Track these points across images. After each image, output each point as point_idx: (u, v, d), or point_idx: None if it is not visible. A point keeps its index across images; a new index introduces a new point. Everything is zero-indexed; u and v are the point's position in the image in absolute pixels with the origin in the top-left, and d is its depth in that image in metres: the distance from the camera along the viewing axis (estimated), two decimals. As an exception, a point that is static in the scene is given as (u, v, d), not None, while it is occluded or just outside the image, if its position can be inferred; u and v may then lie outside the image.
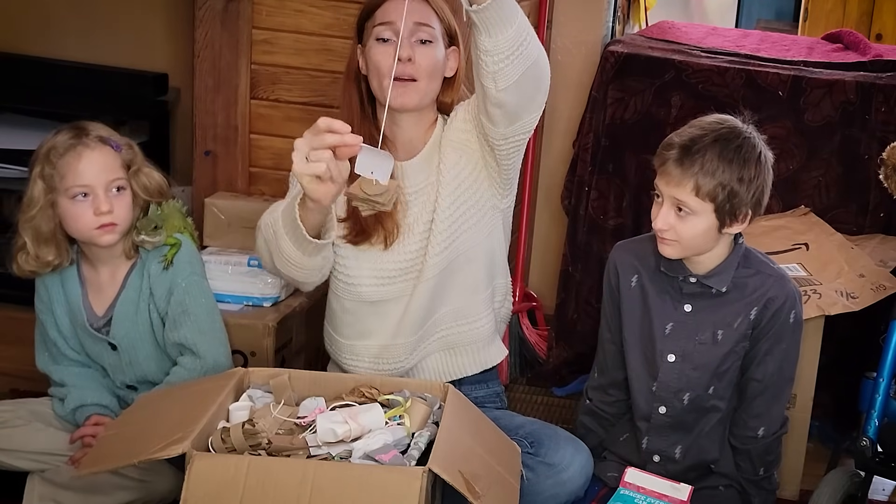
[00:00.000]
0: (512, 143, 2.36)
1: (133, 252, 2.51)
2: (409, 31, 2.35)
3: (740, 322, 2.37)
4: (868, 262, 2.92)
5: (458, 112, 2.46)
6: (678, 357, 2.40)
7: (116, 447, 2.07)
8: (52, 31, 3.56)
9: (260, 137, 3.10)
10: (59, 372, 2.55)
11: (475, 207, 2.44)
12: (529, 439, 2.31)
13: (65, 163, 2.39)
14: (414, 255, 2.44)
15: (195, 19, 3.05)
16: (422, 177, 2.45)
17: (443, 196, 2.42)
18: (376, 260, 2.45)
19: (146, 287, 2.49)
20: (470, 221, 2.44)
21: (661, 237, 2.33)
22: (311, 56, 3.02)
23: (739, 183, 2.25)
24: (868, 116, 3.14)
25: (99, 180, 2.40)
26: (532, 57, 2.19)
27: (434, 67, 2.40)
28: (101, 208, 2.40)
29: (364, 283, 2.46)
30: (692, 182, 2.25)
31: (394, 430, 2.05)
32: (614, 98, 3.27)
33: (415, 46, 2.37)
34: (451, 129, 2.45)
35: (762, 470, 2.46)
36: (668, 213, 2.30)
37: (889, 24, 4.87)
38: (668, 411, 2.43)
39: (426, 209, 2.43)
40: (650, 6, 4.06)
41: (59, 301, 2.52)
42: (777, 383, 2.41)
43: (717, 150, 2.25)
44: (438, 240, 2.42)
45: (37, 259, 2.44)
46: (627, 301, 2.46)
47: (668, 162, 2.28)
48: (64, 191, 2.40)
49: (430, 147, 2.46)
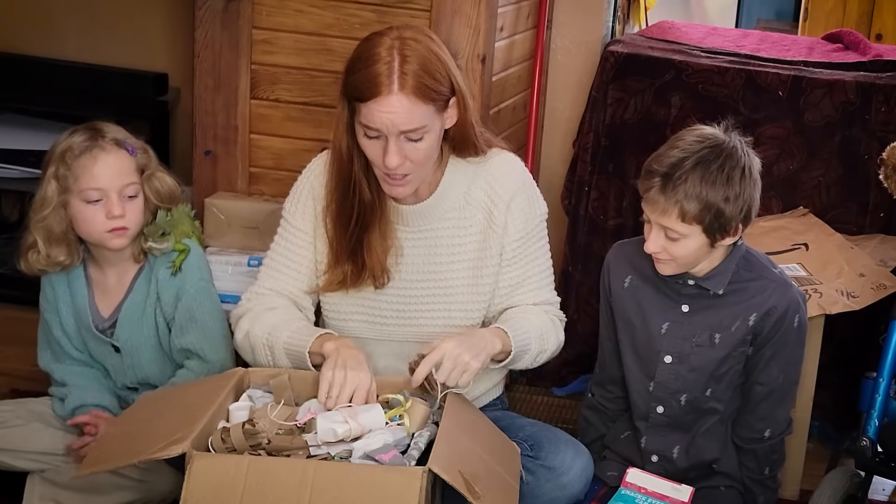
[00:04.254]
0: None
1: (141, 256, 2.51)
2: (396, 133, 2.17)
3: (738, 326, 2.37)
4: (868, 262, 2.92)
5: (513, 220, 2.36)
6: (675, 358, 2.40)
7: (116, 447, 2.07)
8: (52, 31, 3.55)
9: (260, 137, 3.10)
10: (60, 371, 2.55)
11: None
12: (529, 442, 2.30)
13: (80, 165, 2.39)
14: (408, 301, 2.40)
15: (195, 19, 3.04)
16: (424, 221, 2.38)
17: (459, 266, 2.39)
18: (367, 299, 2.41)
19: (153, 291, 2.50)
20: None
21: (656, 258, 2.34)
22: (311, 56, 3.01)
23: (725, 202, 2.24)
24: (868, 116, 3.14)
25: (113, 184, 2.40)
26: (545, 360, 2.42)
27: (428, 153, 2.24)
28: (114, 212, 2.40)
29: (353, 318, 2.43)
30: (677, 209, 2.25)
31: (394, 430, 2.05)
32: (614, 98, 3.27)
33: (404, 143, 2.19)
34: (492, 216, 2.36)
35: (767, 469, 2.45)
36: (658, 237, 2.30)
37: (889, 24, 4.87)
38: (666, 411, 2.43)
39: (425, 259, 2.39)
40: (650, 6, 4.06)
41: (64, 301, 2.52)
42: (782, 387, 2.41)
43: (699, 175, 2.23)
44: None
45: (48, 258, 2.44)
46: (620, 301, 2.46)
47: (651, 190, 2.28)
48: (77, 192, 2.40)
49: (442, 196, 2.36)
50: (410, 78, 2.15)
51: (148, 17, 3.52)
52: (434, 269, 2.38)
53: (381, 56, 2.16)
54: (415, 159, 2.22)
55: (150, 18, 3.52)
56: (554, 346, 2.42)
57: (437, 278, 2.38)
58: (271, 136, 3.09)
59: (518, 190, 2.38)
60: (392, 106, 2.15)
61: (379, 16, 2.94)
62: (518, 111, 3.39)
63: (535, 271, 2.42)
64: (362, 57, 2.19)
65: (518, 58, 3.32)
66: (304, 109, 3.02)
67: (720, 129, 2.33)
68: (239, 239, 2.97)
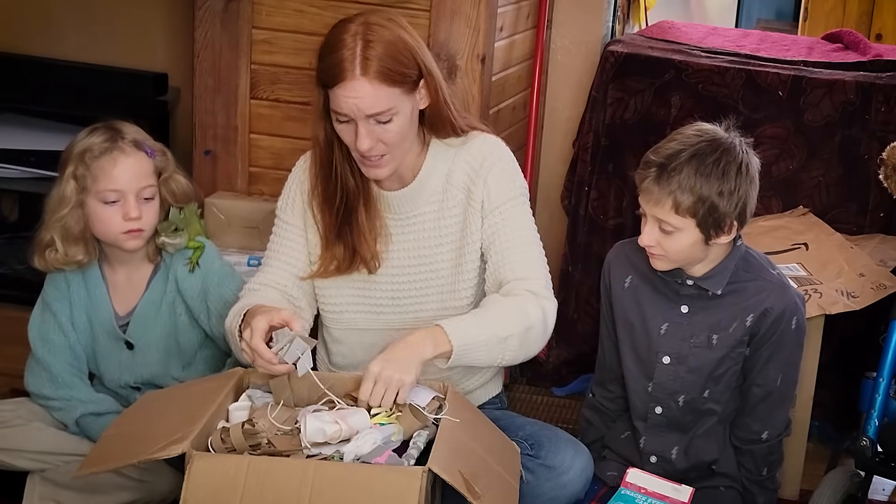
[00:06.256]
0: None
1: (155, 255, 2.52)
2: (363, 117, 2.20)
3: (736, 327, 2.37)
4: (868, 262, 2.92)
5: (490, 194, 2.34)
6: (673, 359, 2.40)
7: (116, 447, 2.07)
8: (52, 30, 3.55)
9: (260, 137, 3.10)
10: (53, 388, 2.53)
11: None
12: (529, 441, 2.30)
13: (99, 166, 2.39)
14: (401, 288, 2.41)
15: (195, 19, 3.04)
16: (409, 207, 2.39)
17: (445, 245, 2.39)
18: (361, 288, 2.42)
19: (171, 290, 2.51)
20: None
21: (649, 252, 2.34)
22: (311, 56, 2.98)
23: (719, 196, 2.25)
24: (868, 116, 3.14)
25: (131, 187, 2.41)
26: (517, 360, 2.29)
27: (400, 135, 2.26)
28: (131, 214, 2.41)
29: (349, 308, 2.43)
30: (670, 200, 2.25)
31: (381, 428, 2.04)
32: (614, 98, 3.27)
33: (374, 126, 2.22)
34: (471, 193, 2.35)
35: (765, 470, 2.45)
36: (652, 230, 2.31)
37: (889, 24, 4.87)
38: (665, 412, 2.43)
39: (413, 244, 2.39)
40: (650, 6, 4.06)
41: (79, 296, 2.52)
42: (780, 389, 2.41)
43: (694, 167, 2.24)
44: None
45: (66, 256, 2.45)
46: (620, 301, 2.46)
47: (646, 180, 2.29)
48: (95, 193, 2.40)
49: (424, 180, 2.38)
50: (373, 62, 2.18)
51: (148, 17, 3.52)
52: (422, 253, 2.39)
53: (345, 42, 2.20)
54: (387, 140, 2.24)
55: (150, 18, 3.52)
56: (521, 327, 2.24)
57: (426, 262, 2.39)
58: (271, 135, 3.09)
59: (494, 164, 2.36)
60: (355, 90, 2.18)
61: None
62: (518, 111, 3.39)
63: (517, 243, 2.34)
64: (329, 44, 2.24)
65: (518, 58, 3.32)
66: (303, 109, 3.02)
67: (721, 127, 2.33)
68: (239, 239, 2.97)
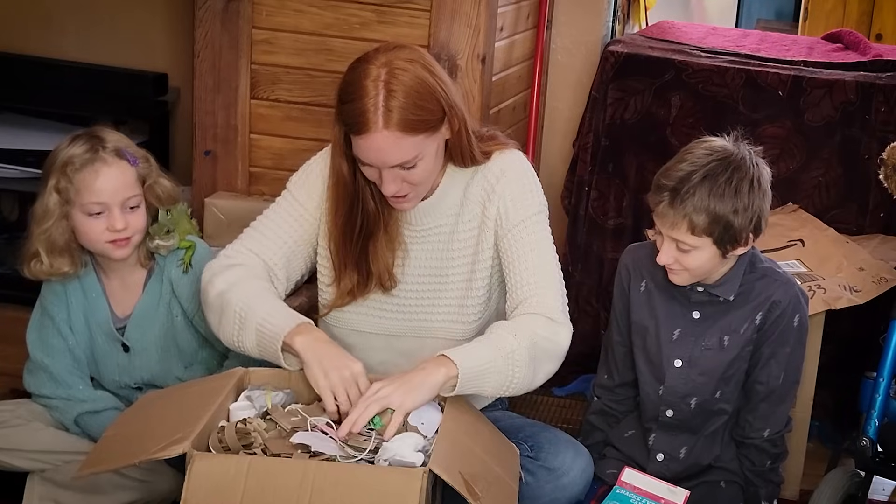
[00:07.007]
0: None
1: (147, 259, 2.51)
2: (387, 167, 2.18)
3: (747, 327, 2.38)
4: (866, 256, 2.92)
5: (507, 212, 2.30)
6: (685, 363, 2.40)
7: (117, 447, 2.07)
8: (52, 30, 3.55)
9: (260, 137, 3.10)
10: (53, 387, 2.53)
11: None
12: (529, 442, 2.30)
13: (81, 178, 2.37)
14: (409, 297, 2.39)
15: (195, 19, 3.04)
16: (427, 220, 2.37)
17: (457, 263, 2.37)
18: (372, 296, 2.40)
19: (167, 293, 2.50)
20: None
21: (668, 268, 2.35)
22: (311, 56, 3.02)
23: (734, 214, 2.25)
24: (868, 116, 3.14)
25: (115, 199, 2.39)
26: (531, 387, 2.24)
27: (426, 173, 2.24)
28: (116, 226, 2.39)
29: (350, 308, 2.41)
30: (686, 222, 2.26)
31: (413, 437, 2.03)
32: (614, 98, 3.27)
33: (399, 171, 2.19)
34: (486, 209, 2.33)
35: (769, 462, 2.45)
36: (669, 249, 2.32)
37: (889, 24, 4.87)
38: (676, 414, 2.43)
39: (428, 256, 2.39)
40: (650, 6, 4.06)
41: (76, 300, 2.51)
42: (782, 386, 2.41)
43: (707, 188, 2.25)
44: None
45: (51, 268, 2.43)
46: (636, 305, 2.46)
47: (661, 205, 2.29)
48: (79, 206, 2.39)
49: (443, 194, 2.35)
50: (396, 113, 2.12)
51: (148, 16, 3.52)
52: (436, 264, 2.38)
53: (367, 90, 2.13)
54: (413, 181, 2.22)
55: (149, 18, 3.52)
56: (528, 341, 2.19)
57: (438, 274, 2.38)
58: (271, 135, 3.09)
59: (511, 180, 2.32)
60: (379, 143, 2.14)
61: (379, 16, 2.95)
62: (518, 111, 3.39)
63: (531, 265, 2.28)
64: (350, 88, 2.17)
65: (518, 58, 3.32)
66: (304, 109, 3.02)
67: (729, 139, 2.33)
68: (239, 239, 2.97)
